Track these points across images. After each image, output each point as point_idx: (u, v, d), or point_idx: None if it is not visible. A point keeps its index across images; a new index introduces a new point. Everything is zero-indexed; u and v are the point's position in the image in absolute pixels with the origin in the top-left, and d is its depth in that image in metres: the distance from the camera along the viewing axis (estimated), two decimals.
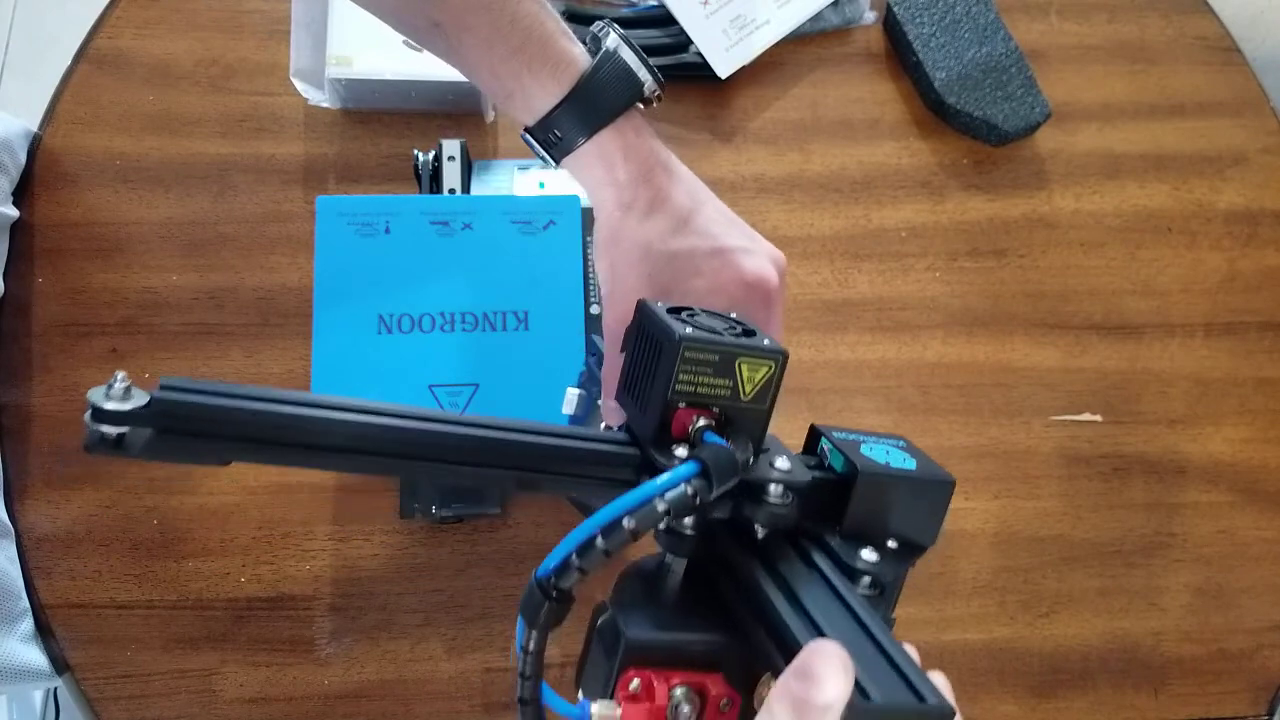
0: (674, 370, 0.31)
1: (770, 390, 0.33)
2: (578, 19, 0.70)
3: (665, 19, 0.70)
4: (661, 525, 0.29)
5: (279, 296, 0.65)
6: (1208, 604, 0.66)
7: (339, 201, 0.54)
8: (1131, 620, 0.65)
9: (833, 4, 0.71)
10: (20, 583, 0.59)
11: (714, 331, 0.33)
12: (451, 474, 0.31)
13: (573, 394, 0.51)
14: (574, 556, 0.28)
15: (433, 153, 0.62)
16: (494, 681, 0.60)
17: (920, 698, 0.25)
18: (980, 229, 0.70)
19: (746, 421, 0.33)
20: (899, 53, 0.73)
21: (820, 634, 0.27)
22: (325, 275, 0.54)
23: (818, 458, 0.36)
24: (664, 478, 0.29)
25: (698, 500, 0.29)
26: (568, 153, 0.44)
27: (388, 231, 0.54)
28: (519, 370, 0.54)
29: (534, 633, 0.29)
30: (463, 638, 0.61)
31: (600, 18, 0.70)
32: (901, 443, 0.37)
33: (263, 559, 0.61)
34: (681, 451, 0.31)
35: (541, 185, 0.63)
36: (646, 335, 0.35)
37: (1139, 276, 0.71)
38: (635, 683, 0.30)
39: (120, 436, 0.27)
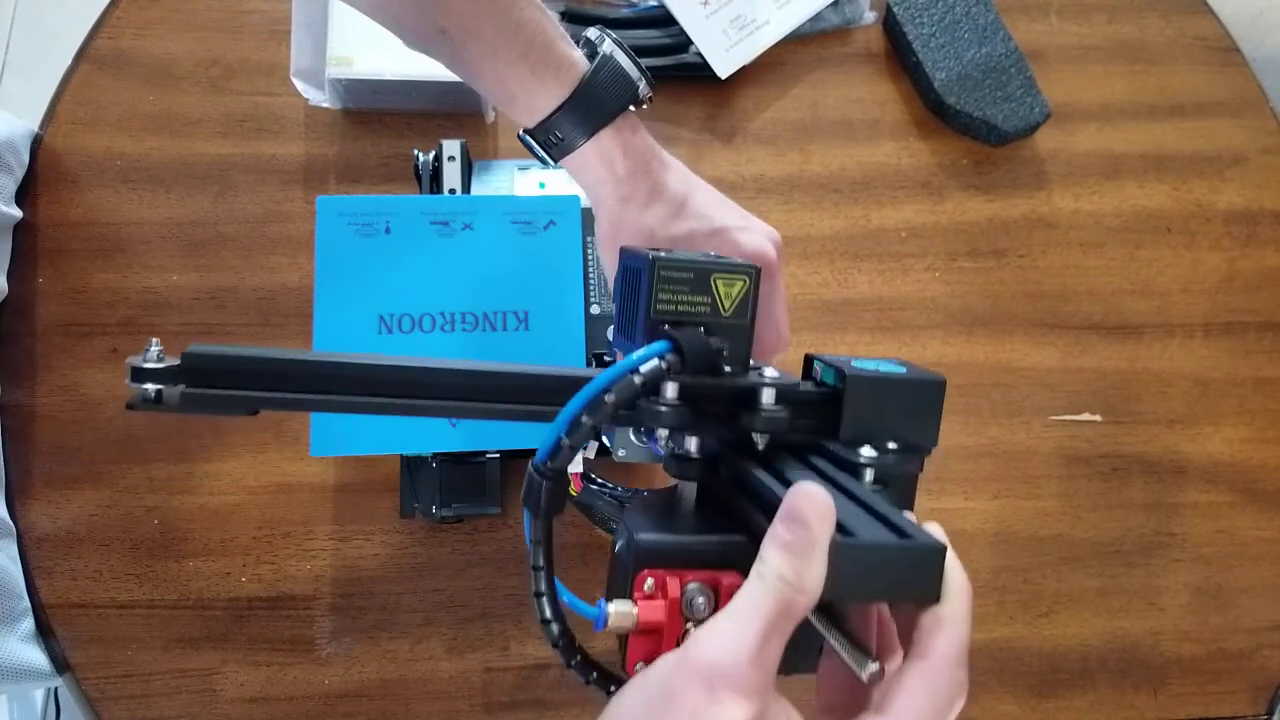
0: (652, 290, 0.34)
1: (749, 305, 0.35)
2: (577, 19, 0.70)
3: (665, 19, 0.70)
4: (640, 399, 0.31)
5: (279, 296, 0.65)
6: (1207, 604, 0.66)
7: (339, 201, 0.54)
8: (1131, 620, 0.65)
9: (833, 4, 0.71)
10: (21, 582, 0.59)
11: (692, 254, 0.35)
12: (460, 411, 0.34)
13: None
14: (564, 436, 0.30)
15: (433, 153, 0.62)
16: (494, 681, 0.60)
17: (906, 535, 0.27)
18: (980, 229, 0.71)
19: (731, 337, 0.35)
20: (899, 53, 0.73)
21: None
22: (325, 275, 0.53)
23: (812, 379, 0.38)
24: (638, 353, 0.31)
25: (670, 373, 0.31)
26: (568, 153, 0.45)
27: (388, 231, 0.54)
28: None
29: (539, 521, 0.31)
30: (463, 637, 0.61)
31: (600, 18, 0.70)
32: (895, 360, 0.38)
33: (263, 559, 0.61)
34: (669, 390, 0.33)
35: (542, 185, 0.63)
36: (627, 270, 0.37)
37: (1138, 277, 0.71)
38: (650, 583, 0.31)
39: (158, 393, 0.32)
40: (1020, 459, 0.67)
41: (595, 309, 0.59)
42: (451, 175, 0.61)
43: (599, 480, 0.58)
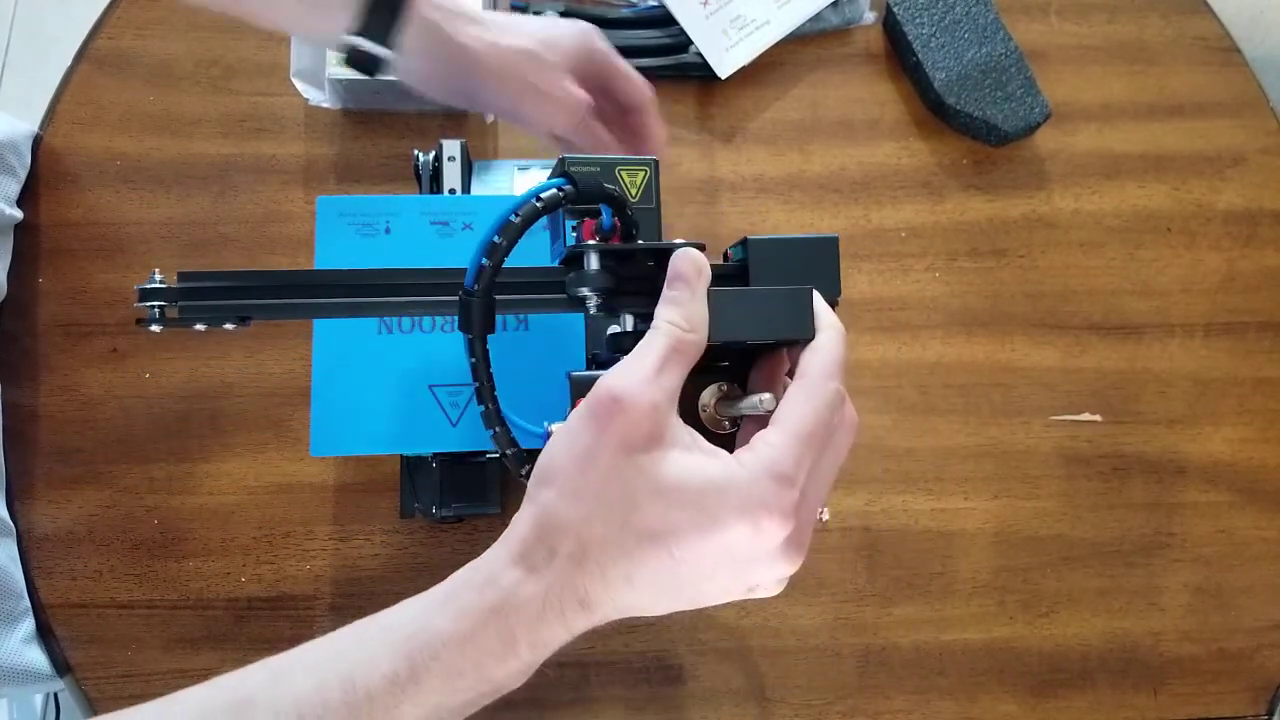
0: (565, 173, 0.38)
1: (653, 191, 0.41)
2: (577, 19, 0.70)
3: (665, 19, 0.70)
4: (539, 221, 0.36)
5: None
6: (1207, 604, 0.66)
7: (339, 202, 0.54)
8: (1131, 620, 0.65)
9: (832, 4, 0.71)
10: (22, 583, 0.59)
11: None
12: (416, 308, 0.40)
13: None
14: (483, 259, 0.36)
15: (433, 153, 0.62)
16: None
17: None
18: (980, 229, 0.71)
19: (642, 220, 0.40)
20: (899, 53, 0.73)
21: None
22: None
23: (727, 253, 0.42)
24: (539, 184, 0.37)
25: (564, 200, 0.37)
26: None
27: (388, 231, 0.54)
28: (519, 371, 0.54)
29: (477, 341, 0.36)
30: None
31: (600, 18, 0.70)
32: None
33: (263, 559, 0.61)
34: (592, 260, 0.38)
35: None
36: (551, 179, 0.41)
37: (1138, 277, 0.71)
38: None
39: (161, 310, 0.38)
40: (1020, 459, 0.67)
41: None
42: (451, 175, 0.61)
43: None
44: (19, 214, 0.64)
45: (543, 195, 0.36)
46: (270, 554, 0.61)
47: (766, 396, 0.34)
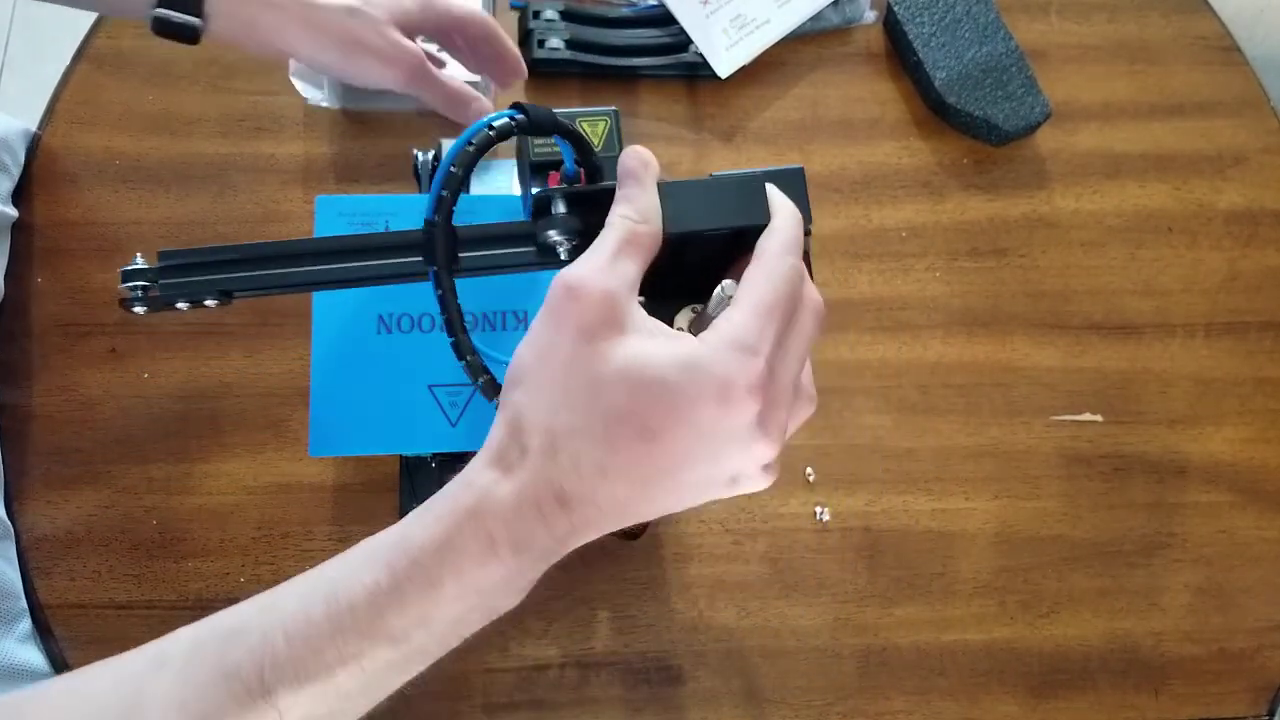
0: (529, 146, 0.39)
1: (615, 139, 0.41)
2: (577, 19, 0.70)
3: (665, 19, 0.70)
4: (490, 147, 0.37)
5: (278, 296, 0.64)
6: (1208, 604, 0.66)
7: (338, 201, 0.54)
8: (1132, 620, 0.65)
9: (833, 3, 0.71)
10: (19, 583, 0.59)
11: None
12: (393, 269, 0.40)
13: None
14: (442, 190, 0.36)
15: (431, 152, 0.62)
16: (494, 681, 0.60)
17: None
18: (980, 229, 0.70)
19: (606, 167, 0.40)
20: (899, 52, 0.73)
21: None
22: None
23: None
24: (492, 115, 0.37)
25: (517, 128, 0.37)
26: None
27: (387, 230, 0.54)
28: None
29: (440, 271, 0.37)
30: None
31: (600, 17, 0.70)
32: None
33: (262, 559, 0.61)
34: (559, 204, 0.38)
35: None
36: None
37: (1139, 276, 0.71)
38: None
39: (145, 289, 0.38)
40: (1021, 459, 0.67)
41: None
42: None
43: None
44: (14, 212, 0.64)
45: (495, 124, 0.36)
46: (269, 554, 0.61)
47: (728, 283, 0.34)
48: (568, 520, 0.31)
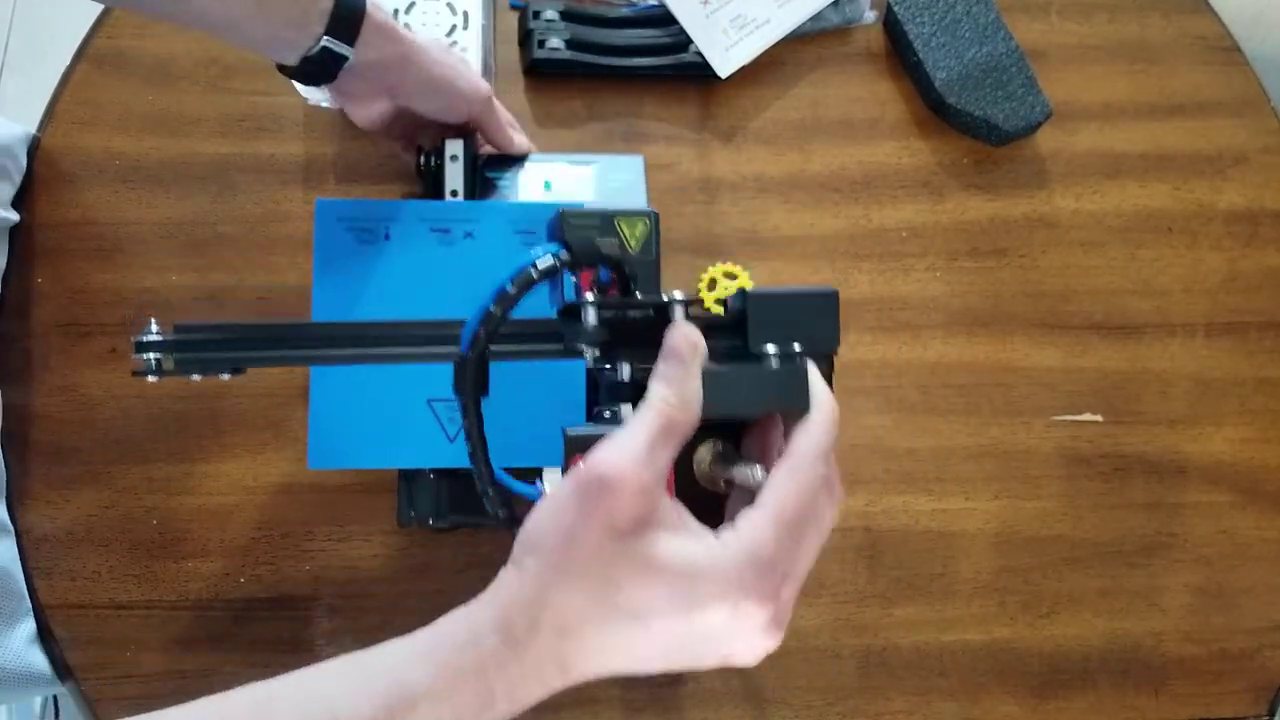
0: (563, 236, 0.38)
1: (653, 242, 0.40)
2: (577, 19, 0.70)
3: (665, 19, 0.70)
4: (531, 288, 0.36)
5: (279, 296, 0.65)
6: (1208, 604, 0.66)
7: (338, 205, 0.53)
8: (1132, 620, 0.65)
9: (833, 3, 0.71)
10: (22, 583, 0.59)
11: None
12: (408, 356, 0.40)
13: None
14: (480, 328, 0.36)
15: (450, 152, 0.60)
16: None
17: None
18: (981, 229, 0.70)
19: (640, 271, 0.40)
20: (899, 52, 0.73)
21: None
22: (323, 282, 0.52)
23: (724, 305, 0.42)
24: (534, 251, 0.36)
25: (562, 267, 0.36)
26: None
27: (387, 238, 0.53)
28: (522, 386, 0.53)
29: (468, 404, 0.36)
30: None
31: (600, 17, 0.70)
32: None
33: (262, 559, 0.61)
34: (590, 315, 0.38)
35: (547, 185, 0.61)
36: (548, 227, 0.41)
37: (1139, 276, 0.71)
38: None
39: (158, 361, 0.38)
40: (1021, 459, 0.67)
41: None
42: (454, 176, 0.59)
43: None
44: (14, 216, 0.64)
45: (539, 264, 0.36)
46: (269, 555, 0.61)
47: (759, 471, 0.34)
48: (564, 681, 0.33)
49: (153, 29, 0.69)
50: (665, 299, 0.37)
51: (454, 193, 0.59)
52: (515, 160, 0.62)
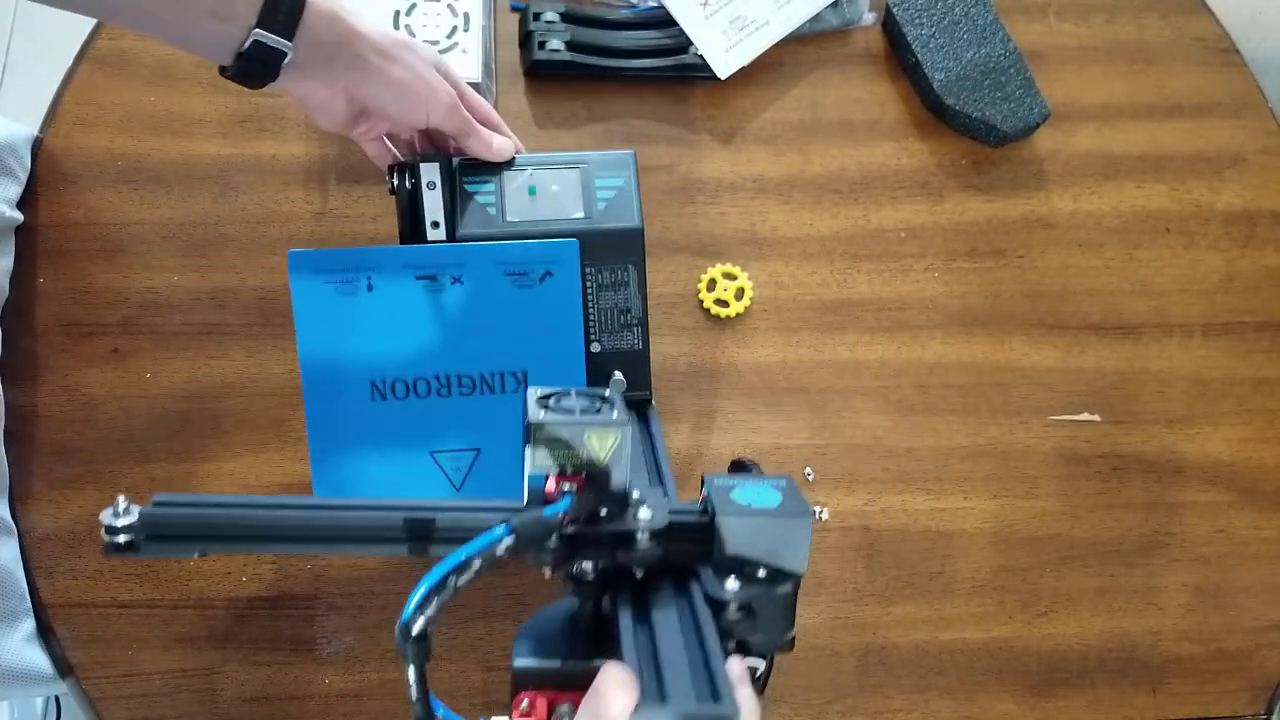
0: (534, 448, 0.37)
1: (623, 454, 0.37)
2: (577, 20, 0.70)
3: (665, 20, 0.70)
4: (473, 577, 0.34)
5: (280, 296, 0.65)
6: (1206, 603, 0.66)
7: (312, 256, 0.50)
8: (1130, 619, 0.65)
9: (832, 5, 0.71)
10: (23, 582, 0.59)
11: (569, 411, 0.38)
12: (359, 551, 0.39)
13: None
14: (418, 612, 0.33)
15: (426, 173, 0.55)
16: (494, 680, 0.60)
17: (715, 698, 0.31)
18: (979, 229, 0.71)
19: (607, 480, 0.37)
20: (898, 54, 0.73)
21: (654, 653, 0.33)
22: (308, 340, 0.50)
23: (704, 504, 0.40)
24: (479, 540, 0.34)
25: (509, 555, 0.34)
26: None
27: (370, 289, 0.50)
28: (521, 433, 0.52)
29: (415, 672, 0.34)
30: (463, 637, 0.61)
31: (600, 19, 0.70)
32: (783, 482, 0.40)
33: (264, 558, 0.61)
34: (553, 541, 0.36)
35: (532, 190, 0.56)
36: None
37: (1137, 277, 0.71)
38: (525, 703, 0.35)
39: (129, 542, 0.37)
40: (1019, 459, 0.67)
41: (595, 346, 0.56)
42: (433, 206, 0.53)
43: None
44: (19, 216, 0.64)
45: (483, 554, 0.34)
46: (271, 554, 0.61)
47: None
48: None
49: None
50: (627, 526, 0.36)
51: (435, 224, 0.54)
52: (497, 163, 0.58)
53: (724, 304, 0.67)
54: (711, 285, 0.67)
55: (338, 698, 0.60)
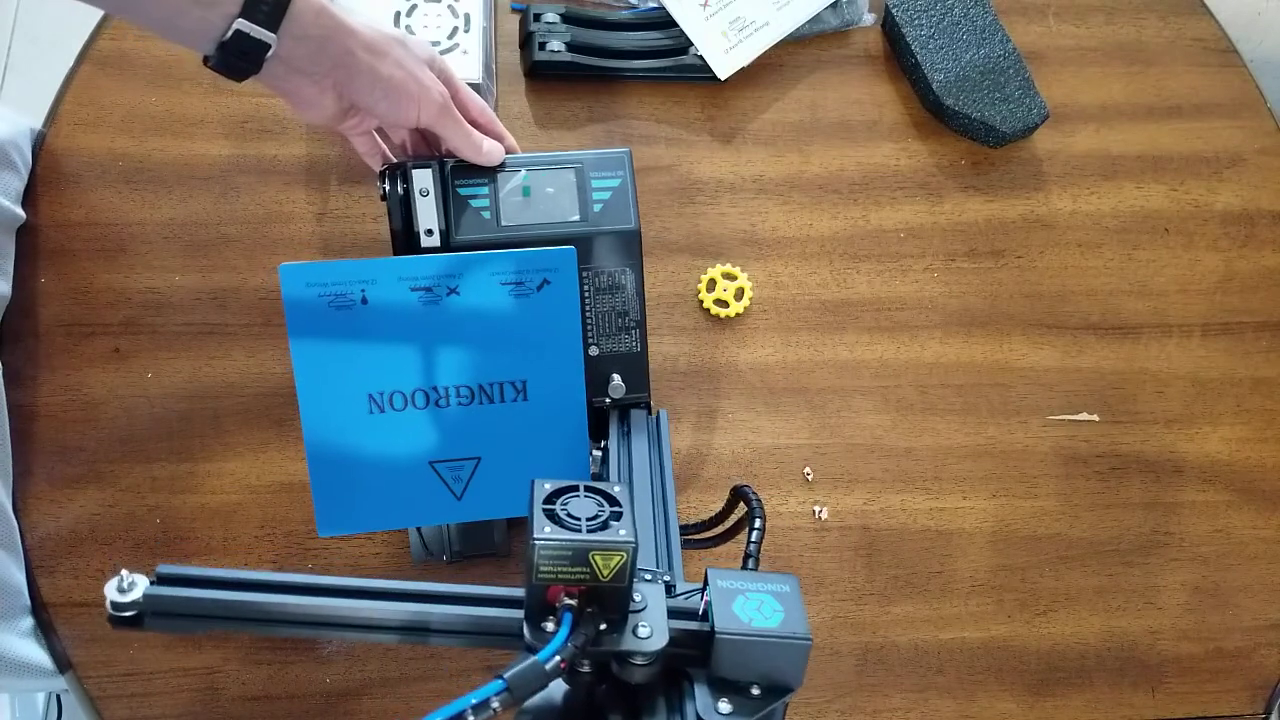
0: (534, 563, 0.36)
1: (626, 571, 0.37)
2: (577, 20, 0.70)
3: (665, 21, 0.70)
4: None
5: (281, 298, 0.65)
6: (1204, 603, 0.66)
7: (305, 270, 0.49)
8: (1129, 619, 0.65)
9: (831, 6, 0.72)
10: (22, 580, 0.60)
11: (575, 526, 0.37)
12: (359, 638, 0.39)
13: None
14: None
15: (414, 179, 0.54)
16: None
17: None
18: (978, 230, 0.71)
19: (609, 596, 0.37)
20: (897, 54, 0.73)
21: None
22: (304, 354, 0.49)
23: (702, 605, 0.39)
24: (473, 695, 0.35)
25: (503, 708, 0.35)
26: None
27: (365, 302, 0.50)
28: (520, 442, 0.51)
29: None
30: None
31: (600, 20, 0.70)
32: (786, 588, 0.39)
33: (265, 558, 0.61)
34: (549, 626, 0.36)
35: (526, 192, 0.55)
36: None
37: (1136, 277, 0.71)
38: None
39: (135, 616, 0.38)
40: (1018, 459, 0.67)
41: (594, 350, 0.56)
42: (426, 214, 0.53)
43: None
44: (22, 215, 0.64)
45: (476, 710, 0.35)
46: (272, 553, 0.61)
47: None
48: None
49: None
50: (627, 648, 0.37)
51: (428, 232, 0.53)
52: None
53: (724, 304, 0.67)
54: (711, 285, 0.68)
55: (338, 696, 0.60)
